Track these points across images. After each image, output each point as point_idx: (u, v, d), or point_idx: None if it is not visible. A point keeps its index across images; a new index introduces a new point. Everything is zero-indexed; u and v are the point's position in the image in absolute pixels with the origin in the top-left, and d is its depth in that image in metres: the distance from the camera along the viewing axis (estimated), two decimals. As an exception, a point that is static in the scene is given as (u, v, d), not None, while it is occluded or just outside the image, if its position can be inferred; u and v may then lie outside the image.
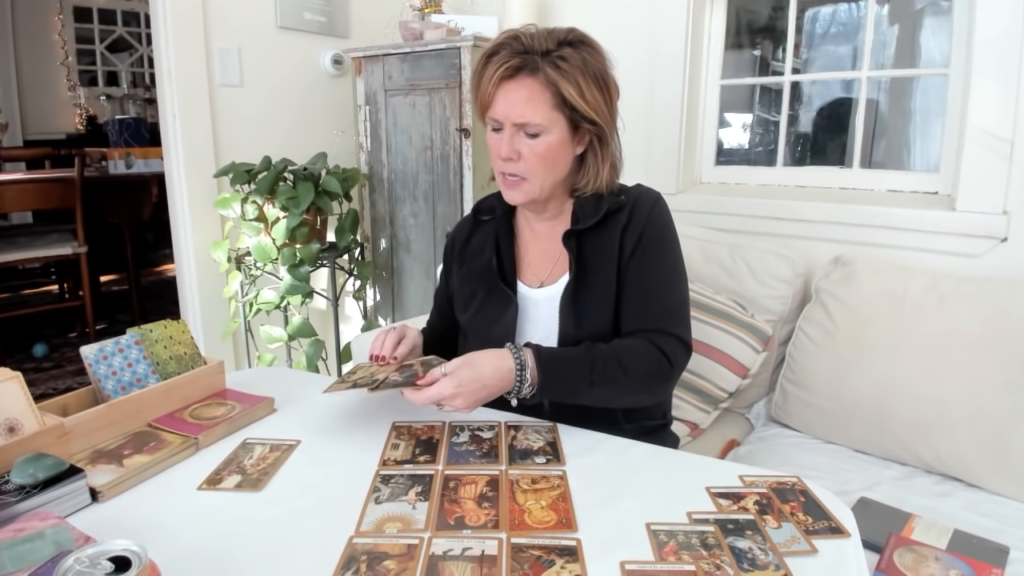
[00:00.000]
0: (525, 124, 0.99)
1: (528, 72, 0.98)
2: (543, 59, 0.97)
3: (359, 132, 2.14)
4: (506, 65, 0.97)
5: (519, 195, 1.05)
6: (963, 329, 1.36)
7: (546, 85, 0.97)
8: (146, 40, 5.42)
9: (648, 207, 1.07)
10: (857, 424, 1.44)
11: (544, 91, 0.98)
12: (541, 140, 0.99)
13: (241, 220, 1.92)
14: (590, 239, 1.07)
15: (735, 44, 2.12)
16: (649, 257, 1.05)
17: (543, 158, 1.01)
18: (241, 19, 2.03)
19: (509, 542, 0.69)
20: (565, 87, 0.97)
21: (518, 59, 0.97)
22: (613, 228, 1.06)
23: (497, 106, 0.99)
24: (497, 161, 1.03)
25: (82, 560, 0.53)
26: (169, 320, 1.08)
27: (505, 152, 1.00)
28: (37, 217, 4.18)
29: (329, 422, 1.01)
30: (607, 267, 1.05)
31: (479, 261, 1.15)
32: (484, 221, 1.18)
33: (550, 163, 1.02)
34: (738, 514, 0.75)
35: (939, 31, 1.89)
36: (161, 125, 1.98)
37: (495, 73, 0.98)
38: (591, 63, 1.00)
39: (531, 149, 1.00)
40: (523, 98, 0.98)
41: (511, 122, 0.99)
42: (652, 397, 1.06)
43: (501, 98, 0.99)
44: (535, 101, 0.98)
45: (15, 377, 0.82)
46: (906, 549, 1.03)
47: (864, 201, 1.72)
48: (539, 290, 1.11)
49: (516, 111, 0.98)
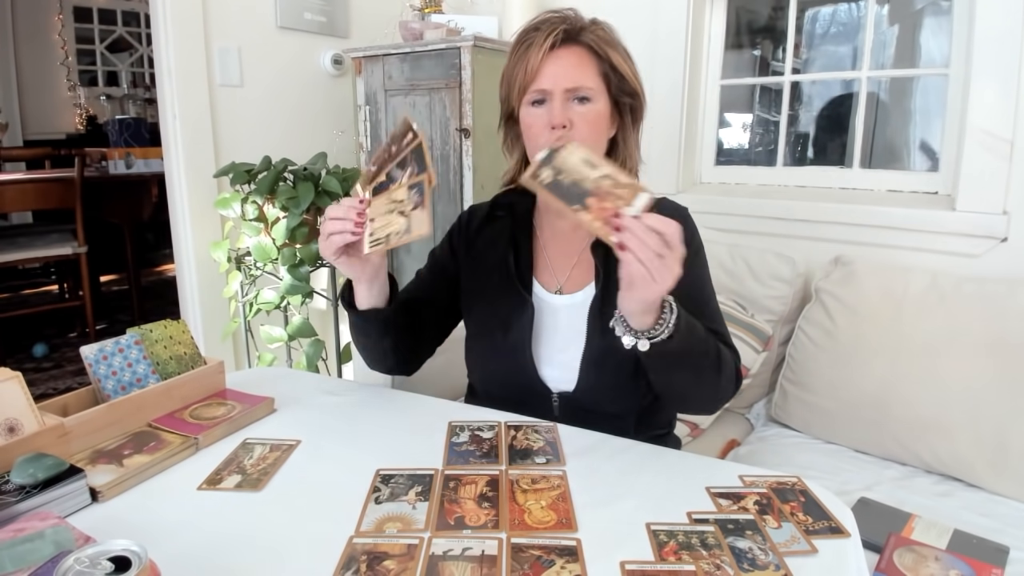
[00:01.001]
0: (577, 88, 0.96)
1: (575, 40, 0.97)
2: (586, 30, 0.98)
3: (359, 132, 2.14)
4: (556, 31, 0.96)
5: None
6: (963, 329, 1.36)
7: (593, 53, 0.97)
8: (146, 40, 5.42)
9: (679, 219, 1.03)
10: (857, 424, 1.44)
11: (592, 58, 0.97)
12: (591, 107, 0.97)
13: (241, 220, 1.92)
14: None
15: (735, 44, 2.12)
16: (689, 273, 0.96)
17: (594, 126, 0.97)
18: (241, 19, 2.03)
19: (509, 542, 0.69)
20: (612, 54, 0.97)
21: (564, 26, 0.97)
22: None
23: (544, 75, 0.96)
24: (544, 133, 0.96)
25: (82, 560, 0.53)
26: (169, 320, 1.08)
27: (558, 117, 0.95)
28: (37, 217, 4.18)
29: (329, 422, 1.01)
30: None
31: (491, 257, 1.09)
32: (499, 217, 1.12)
33: (598, 133, 0.99)
34: (738, 514, 0.75)
35: (939, 31, 1.89)
36: (161, 125, 1.98)
37: (544, 42, 0.96)
38: (624, 45, 1.02)
39: (583, 116, 0.96)
40: (574, 63, 0.96)
41: (562, 88, 0.95)
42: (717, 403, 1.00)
43: (551, 65, 0.96)
44: (585, 67, 0.97)
45: (15, 377, 0.82)
46: (906, 549, 1.03)
47: (864, 201, 1.72)
48: (558, 296, 1.06)
49: (568, 76, 0.96)
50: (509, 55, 1.01)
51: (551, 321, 1.05)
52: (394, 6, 2.29)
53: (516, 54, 0.99)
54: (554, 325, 1.05)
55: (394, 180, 0.92)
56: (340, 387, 1.21)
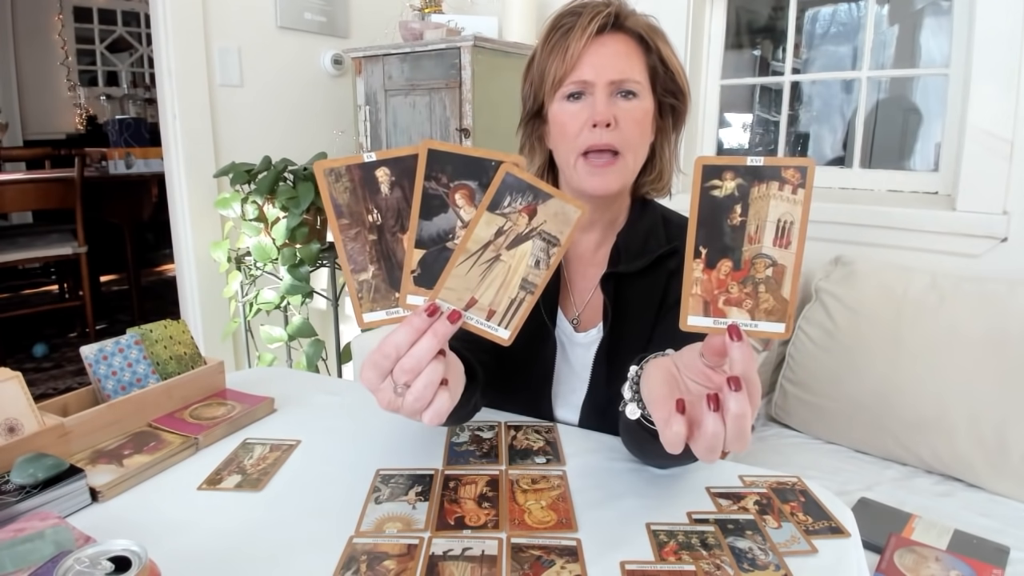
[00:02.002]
0: (623, 80, 0.83)
1: (620, 28, 0.85)
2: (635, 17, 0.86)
3: (359, 132, 2.14)
4: (603, 14, 0.83)
5: (612, 178, 0.84)
6: (963, 329, 1.36)
7: (640, 42, 0.85)
8: (146, 40, 5.42)
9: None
10: (857, 424, 1.44)
11: (639, 48, 0.85)
12: (638, 104, 0.84)
13: (241, 220, 1.92)
14: (631, 283, 0.91)
15: (735, 44, 2.12)
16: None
17: (641, 127, 0.84)
18: (241, 19, 2.03)
19: (509, 542, 0.69)
20: (663, 46, 0.85)
21: (609, 10, 0.84)
22: (659, 273, 0.92)
23: (586, 64, 0.83)
24: (582, 135, 0.83)
25: (82, 560, 0.53)
26: (169, 320, 1.08)
27: (602, 113, 0.81)
28: (37, 217, 4.18)
29: (329, 422, 1.01)
30: (646, 317, 0.91)
31: None
32: None
33: (645, 136, 0.86)
34: (738, 514, 0.75)
35: (939, 31, 1.89)
36: (161, 125, 1.98)
37: (589, 26, 0.82)
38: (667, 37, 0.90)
39: (629, 113, 0.83)
40: (621, 52, 0.84)
41: (606, 80, 0.83)
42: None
43: (592, 54, 0.83)
44: (632, 56, 0.84)
45: (15, 377, 0.82)
46: (906, 550, 1.03)
47: (864, 201, 1.72)
48: (575, 333, 0.96)
49: (614, 66, 0.83)
50: (540, 45, 0.88)
51: (570, 354, 0.96)
52: (394, 6, 2.29)
53: (550, 42, 0.86)
54: (572, 358, 0.96)
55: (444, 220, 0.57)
56: (340, 387, 1.20)
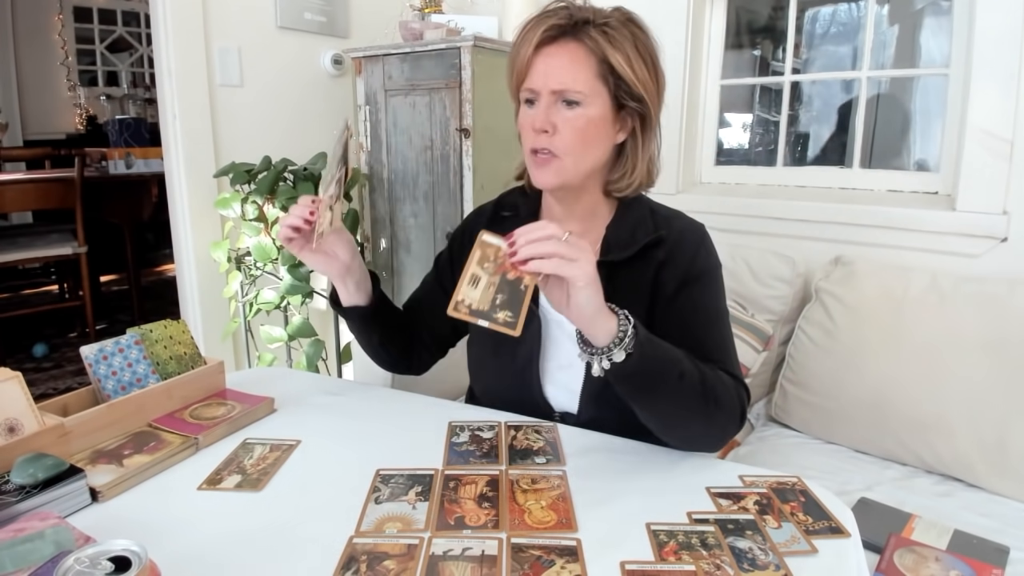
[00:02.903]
0: (564, 91, 0.88)
1: (571, 36, 0.89)
2: (590, 25, 0.89)
3: (359, 132, 2.14)
4: (549, 25, 0.88)
5: (550, 175, 0.92)
6: (963, 329, 1.36)
7: (591, 51, 0.88)
8: (146, 40, 5.42)
9: (693, 248, 0.98)
10: (857, 424, 1.44)
11: (588, 57, 0.89)
12: (580, 112, 0.89)
13: (241, 220, 1.92)
14: (621, 271, 0.96)
15: (735, 44, 2.12)
16: (701, 300, 0.96)
17: (581, 133, 0.89)
18: (241, 19, 2.03)
19: (509, 542, 0.69)
20: (613, 54, 0.88)
21: (563, 21, 0.89)
22: (647, 264, 0.97)
23: (534, 73, 0.90)
24: (529, 135, 0.92)
25: (82, 560, 0.53)
26: (169, 320, 1.08)
27: (540, 122, 0.89)
28: (37, 217, 4.18)
29: (329, 422, 1.01)
30: (637, 304, 0.93)
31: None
32: (505, 218, 1.06)
33: (588, 141, 0.91)
34: (738, 514, 0.75)
35: (939, 31, 1.89)
36: (161, 125, 1.98)
37: (535, 37, 0.88)
38: (642, 40, 0.92)
39: (569, 122, 0.89)
40: (564, 63, 0.88)
41: (549, 89, 0.89)
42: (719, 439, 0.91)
43: (539, 63, 0.89)
44: (577, 66, 0.88)
45: (15, 377, 0.82)
46: (906, 550, 1.03)
47: (864, 201, 1.72)
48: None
49: (555, 76, 0.88)
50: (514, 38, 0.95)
51: (557, 334, 1.00)
52: (394, 6, 2.29)
53: (514, 46, 0.94)
54: (559, 339, 1.00)
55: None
56: (340, 387, 1.21)
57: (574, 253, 0.74)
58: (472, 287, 0.75)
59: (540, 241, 0.74)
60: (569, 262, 0.74)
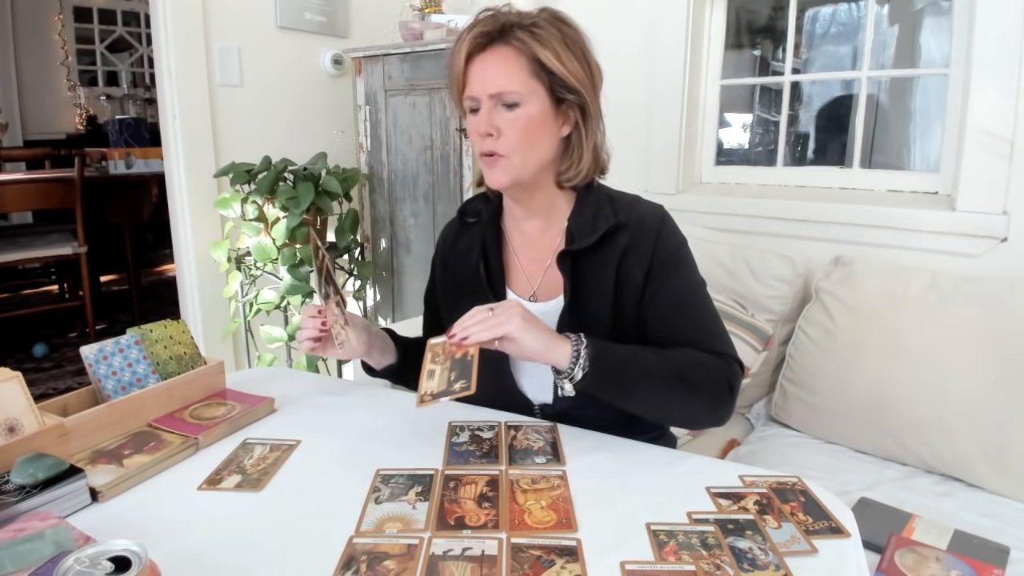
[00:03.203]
0: (501, 93, 0.92)
1: (500, 41, 0.93)
2: (516, 27, 0.93)
3: (359, 132, 2.14)
4: (477, 32, 0.92)
5: (500, 174, 0.96)
6: (963, 329, 1.36)
7: (520, 52, 0.92)
8: (146, 40, 5.42)
9: (655, 229, 1.00)
10: (857, 424, 1.44)
11: (519, 58, 0.92)
12: (520, 112, 0.93)
13: (241, 220, 1.92)
14: (586, 260, 1.00)
15: (735, 44, 2.12)
16: (674, 281, 0.99)
17: (524, 131, 0.94)
18: (241, 19, 2.03)
19: (509, 542, 0.69)
20: (541, 51, 0.92)
21: (490, 29, 0.93)
22: (611, 249, 0.99)
23: (471, 81, 0.94)
24: (476, 140, 0.96)
25: (82, 560, 0.53)
26: (169, 320, 1.08)
27: (484, 127, 0.93)
28: (37, 217, 4.18)
29: (329, 422, 1.01)
30: (603, 289, 0.99)
31: (465, 267, 1.08)
32: (470, 224, 1.11)
33: (532, 138, 0.95)
34: (738, 514, 0.75)
35: (939, 31, 1.89)
36: (161, 125, 1.98)
37: (465, 48, 0.93)
38: (569, 34, 0.95)
39: (510, 123, 0.93)
40: (497, 67, 0.92)
41: (487, 94, 0.93)
42: (711, 415, 0.97)
43: (474, 71, 0.94)
44: (510, 68, 0.92)
45: (15, 377, 0.82)
46: (907, 549, 1.03)
47: (864, 201, 1.72)
48: (531, 304, 1.04)
49: (491, 81, 0.92)
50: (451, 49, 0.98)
51: None
52: (394, 6, 2.29)
53: (449, 58, 0.98)
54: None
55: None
56: (340, 387, 1.21)
57: (501, 315, 0.85)
58: (430, 379, 0.86)
59: (473, 322, 0.86)
60: (498, 324, 0.84)
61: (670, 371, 0.91)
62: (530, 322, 0.86)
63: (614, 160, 1.08)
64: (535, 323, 0.87)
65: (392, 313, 2.24)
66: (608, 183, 1.12)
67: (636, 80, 2.01)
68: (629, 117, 2.01)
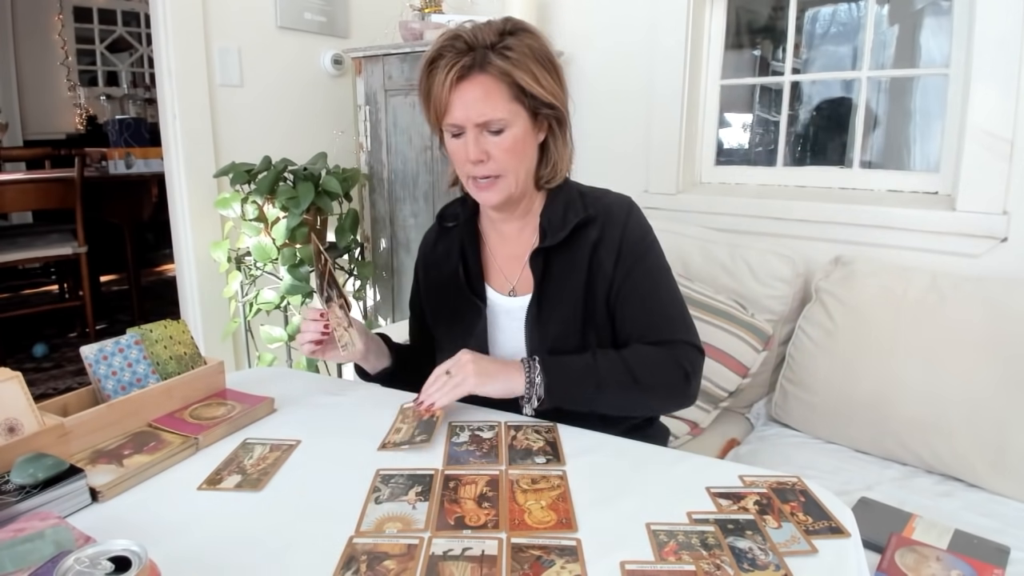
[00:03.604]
0: (487, 122, 0.96)
1: (479, 69, 0.95)
2: (491, 52, 0.95)
3: (359, 132, 2.14)
4: (457, 66, 0.94)
5: (496, 194, 1.01)
6: (963, 329, 1.36)
7: (500, 78, 0.95)
8: (146, 40, 5.42)
9: (622, 220, 1.05)
10: (857, 424, 1.44)
11: (499, 84, 0.95)
12: (506, 135, 0.97)
13: (241, 220, 1.92)
14: (557, 254, 1.04)
15: (735, 44, 2.12)
16: (638, 271, 1.03)
17: (512, 152, 0.98)
18: (241, 19, 2.03)
19: (509, 542, 0.69)
20: (520, 76, 0.95)
21: (466, 58, 0.95)
22: (583, 243, 1.04)
23: (455, 111, 0.96)
24: (465, 166, 1.00)
25: (82, 560, 0.53)
26: (169, 320, 1.08)
27: (474, 155, 0.97)
28: (37, 217, 4.18)
29: (329, 422, 1.01)
30: (574, 283, 1.03)
31: (445, 269, 1.13)
32: (449, 228, 1.15)
33: (520, 155, 1.00)
34: (738, 514, 0.75)
35: (939, 31, 1.89)
36: (161, 125, 1.98)
37: (446, 78, 0.95)
38: (536, 48, 0.98)
39: (498, 146, 0.98)
40: (480, 96, 0.95)
41: (472, 123, 0.96)
42: (674, 404, 1.07)
43: (457, 101, 0.96)
44: (493, 97, 0.95)
45: (15, 377, 0.82)
46: (907, 549, 1.03)
47: (864, 201, 1.72)
48: (510, 299, 1.09)
49: (476, 111, 0.95)
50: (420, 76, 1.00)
51: (505, 323, 1.09)
52: (394, 6, 2.29)
53: (424, 82, 0.99)
54: (508, 326, 1.09)
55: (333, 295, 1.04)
56: (340, 387, 1.21)
57: (457, 376, 0.95)
58: (396, 434, 0.94)
59: (435, 388, 0.96)
60: (456, 385, 0.94)
61: (623, 376, 0.97)
62: (484, 370, 0.95)
63: (614, 160, 1.10)
64: (488, 368, 0.96)
65: (392, 313, 2.24)
66: (608, 183, 1.14)
67: (636, 80, 2.01)
68: (629, 117, 2.01)
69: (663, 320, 1.03)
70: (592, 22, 2.09)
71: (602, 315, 1.04)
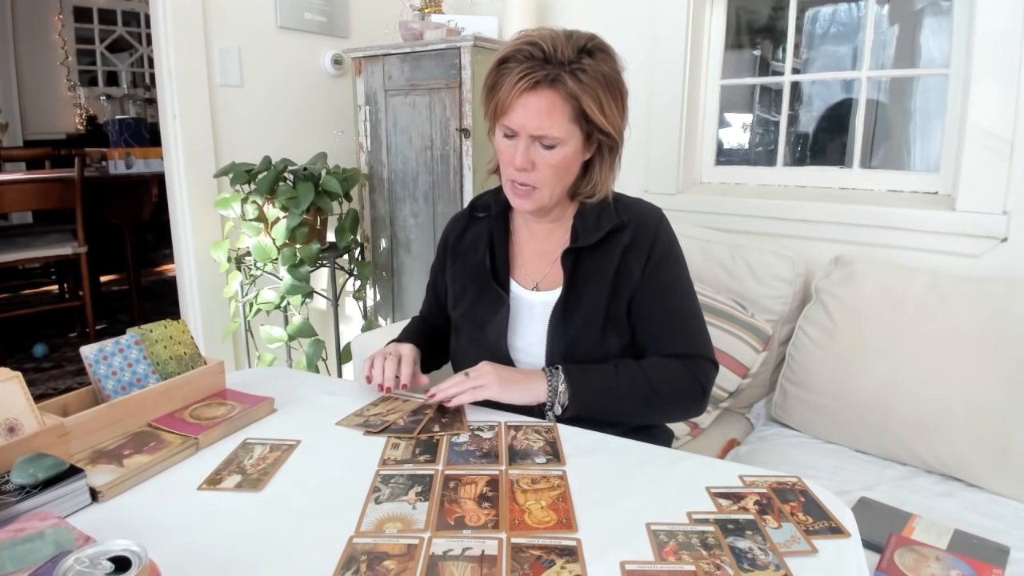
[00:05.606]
0: (543, 136, 0.97)
1: (549, 85, 0.95)
2: (565, 71, 0.95)
3: (359, 132, 2.14)
4: (529, 76, 0.94)
5: (529, 204, 1.04)
6: (963, 329, 1.36)
7: (567, 99, 0.95)
8: (146, 40, 5.42)
9: (653, 227, 1.08)
10: (857, 424, 1.44)
11: (564, 105, 0.96)
12: (556, 152, 0.98)
13: (241, 220, 1.92)
14: (588, 256, 1.07)
15: (735, 44, 2.12)
16: (664, 280, 1.07)
17: (557, 169, 1.00)
18: (241, 19, 2.03)
19: (509, 542, 0.69)
20: (586, 102, 0.96)
21: (541, 71, 0.94)
22: (613, 247, 1.07)
23: (514, 115, 0.97)
24: (509, 168, 1.01)
25: (82, 560, 0.53)
26: (169, 320, 1.08)
27: (520, 162, 0.99)
28: (37, 217, 4.18)
29: (329, 422, 1.01)
30: (600, 285, 1.06)
31: (472, 259, 1.15)
32: (479, 218, 1.18)
33: (562, 173, 1.02)
34: (738, 514, 0.75)
35: (939, 31, 1.89)
36: (161, 125, 1.98)
37: (516, 83, 0.95)
38: (609, 75, 0.98)
39: (545, 160, 0.99)
40: (543, 110, 0.96)
41: (528, 133, 0.97)
42: (686, 415, 1.12)
43: (520, 108, 0.96)
44: (555, 114, 0.96)
45: (15, 377, 0.82)
46: (907, 549, 1.03)
47: (864, 201, 1.72)
48: (534, 293, 1.11)
49: (535, 123, 0.96)
50: (490, 68, 1.00)
51: (527, 316, 1.11)
52: (394, 6, 2.29)
53: (493, 76, 1.00)
54: (529, 320, 1.11)
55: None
56: (340, 387, 1.21)
57: (477, 379, 0.98)
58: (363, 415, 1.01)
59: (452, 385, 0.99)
60: (477, 388, 0.98)
61: (644, 388, 1.01)
62: (505, 378, 0.98)
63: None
64: (509, 376, 0.99)
65: (392, 313, 2.24)
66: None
67: (636, 80, 1.99)
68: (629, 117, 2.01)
69: (684, 333, 1.06)
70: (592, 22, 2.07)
71: (623, 317, 1.07)
